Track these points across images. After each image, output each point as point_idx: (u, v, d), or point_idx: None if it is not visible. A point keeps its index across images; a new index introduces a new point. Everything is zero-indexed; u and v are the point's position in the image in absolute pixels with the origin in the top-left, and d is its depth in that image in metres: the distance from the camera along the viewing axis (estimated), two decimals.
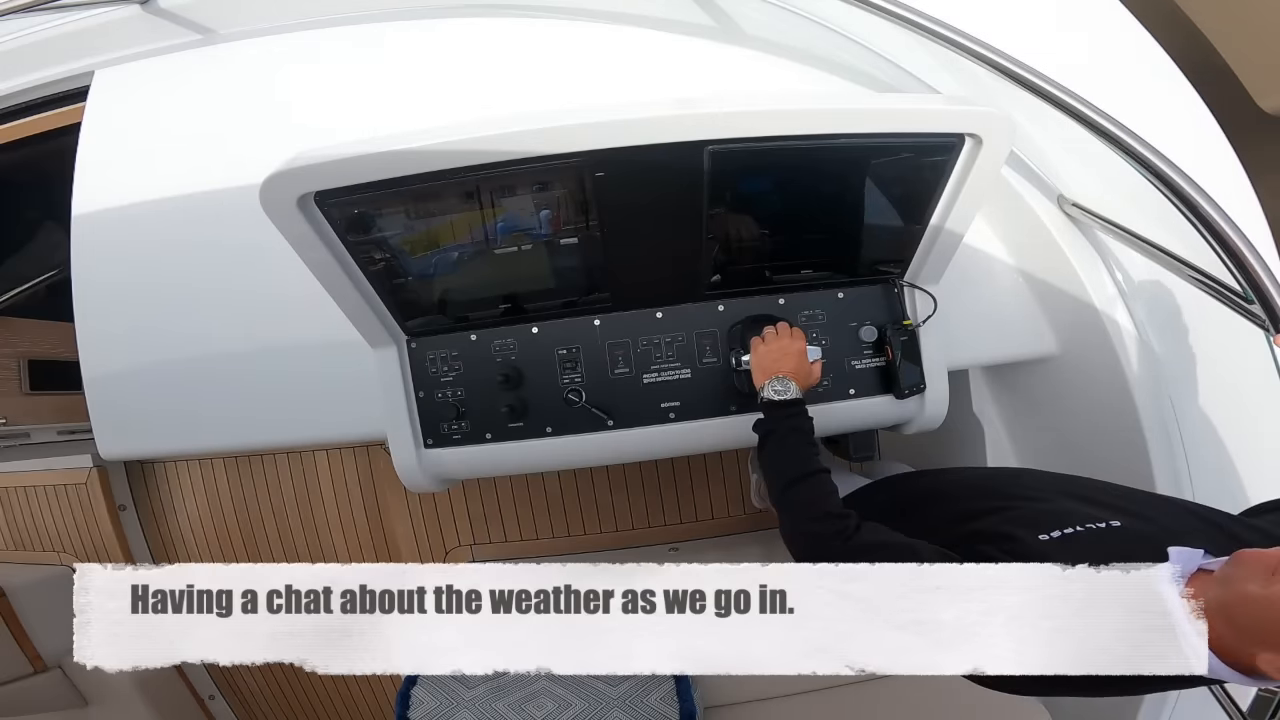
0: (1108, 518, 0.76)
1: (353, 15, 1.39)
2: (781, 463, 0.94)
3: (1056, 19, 1.27)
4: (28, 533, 2.63)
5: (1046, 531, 0.74)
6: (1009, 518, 0.80)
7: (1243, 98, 1.83)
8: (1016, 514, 0.81)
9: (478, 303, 1.15)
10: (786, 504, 0.90)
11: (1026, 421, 1.52)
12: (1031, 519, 0.78)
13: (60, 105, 1.48)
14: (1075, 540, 0.73)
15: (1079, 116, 0.98)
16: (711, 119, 0.90)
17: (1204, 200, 0.92)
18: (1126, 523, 0.76)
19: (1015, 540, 0.74)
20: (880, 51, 1.28)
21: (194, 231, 1.33)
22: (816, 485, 0.89)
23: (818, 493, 0.88)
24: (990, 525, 0.79)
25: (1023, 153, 1.21)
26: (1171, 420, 1.17)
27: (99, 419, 1.33)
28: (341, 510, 2.58)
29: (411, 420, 1.19)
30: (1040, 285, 1.28)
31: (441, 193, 0.95)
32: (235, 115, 1.36)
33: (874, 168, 1.02)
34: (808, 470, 0.91)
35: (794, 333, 1.07)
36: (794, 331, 1.07)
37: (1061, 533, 0.74)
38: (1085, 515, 0.77)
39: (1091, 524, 0.75)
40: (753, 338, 1.08)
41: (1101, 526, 0.75)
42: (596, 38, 1.34)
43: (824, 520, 0.84)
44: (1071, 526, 0.75)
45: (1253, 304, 0.91)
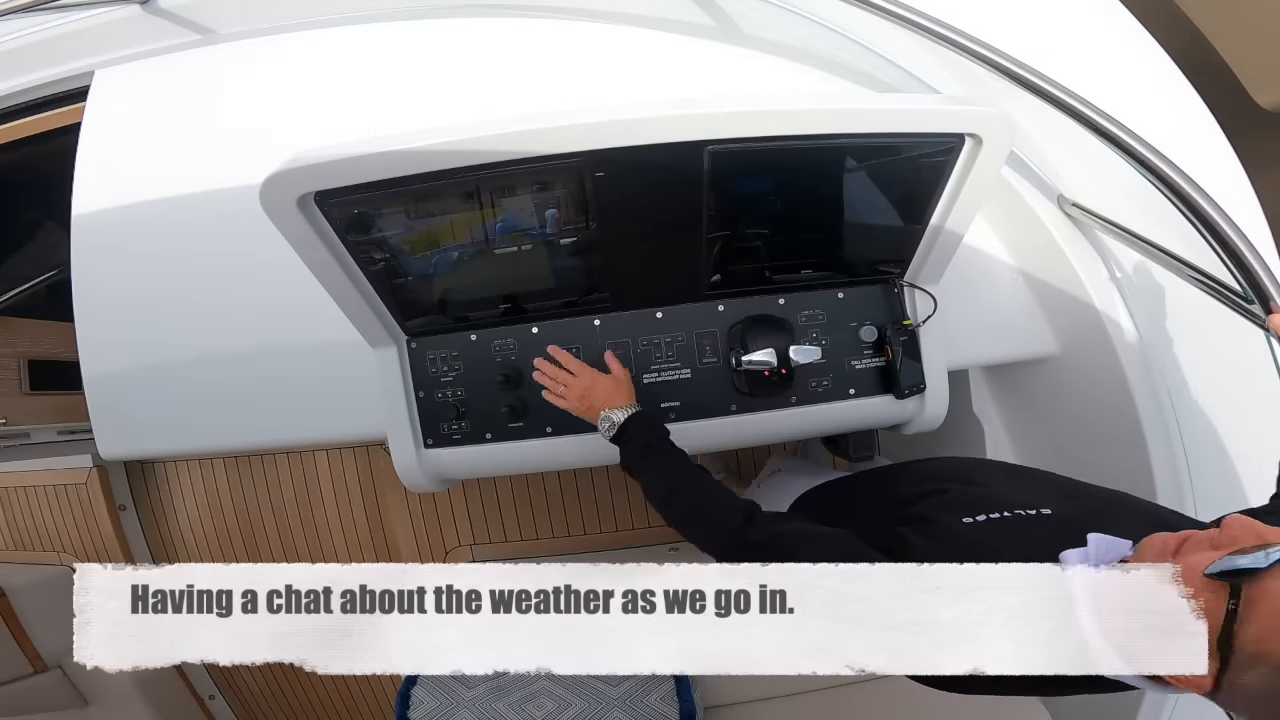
0: (1040, 505, 0.74)
1: (353, 15, 1.39)
2: (648, 486, 0.95)
3: (1056, 19, 1.27)
4: (28, 533, 2.63)
5: (972, 515, 0.73)
6: (939, 502, 0.79)
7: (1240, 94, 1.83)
8: (947, 498, 0.80)
9: (478, 303, 1.15)
10: (672, 521, 0.91)
11: (1026, 421, 1.52)
12: (960, 503, 0.77)
13: (60, 105, 1.48)
14: (1000, 525, 0.72)
15: (1079, 116, 0.98)
16: (711, 119, 0.90)
17: (1204, 200, 0.92)
18: (1059, 510, 0.73)
19: (936, 524, 0.73)
20: (880, 51, 1.28)
21: (194, 232, 1.33)
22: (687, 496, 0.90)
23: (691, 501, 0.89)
24: (918, 510, 0.78)
25: (1023, 153, 1.21)
26: (1171, 420, 1.17)
27: (99, 419, 1.32)
28: (341, 510, 2.58)
29: (411, 420, 1.19)
30: (1040, 285, 1.28)
31: (441, 193, 0.95)
32: (235, 115, 1.36)
33: (874, 168, 1.02)
34: (673, 483, 0.92)
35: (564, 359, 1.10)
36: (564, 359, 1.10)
37: (987, 517, 0.72)
38: (1018, 502, 0.75)
39: (1021, 510, 0.73)
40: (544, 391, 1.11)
41: (1031, 514, 0.73)
42: (596, 38, 1.34)
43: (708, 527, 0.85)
44: (999, 512, 0.73)
45: (1253, 304, 0.91)
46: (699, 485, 0.90)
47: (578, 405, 1.07)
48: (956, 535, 0.71)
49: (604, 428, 1.02)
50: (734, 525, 0.82)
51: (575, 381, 1.07)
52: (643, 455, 0.97)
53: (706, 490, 0.89)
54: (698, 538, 0.86)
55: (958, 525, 0.73)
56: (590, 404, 1.05)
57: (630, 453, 0.99)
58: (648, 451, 0.97)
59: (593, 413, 1.04)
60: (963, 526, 0.72)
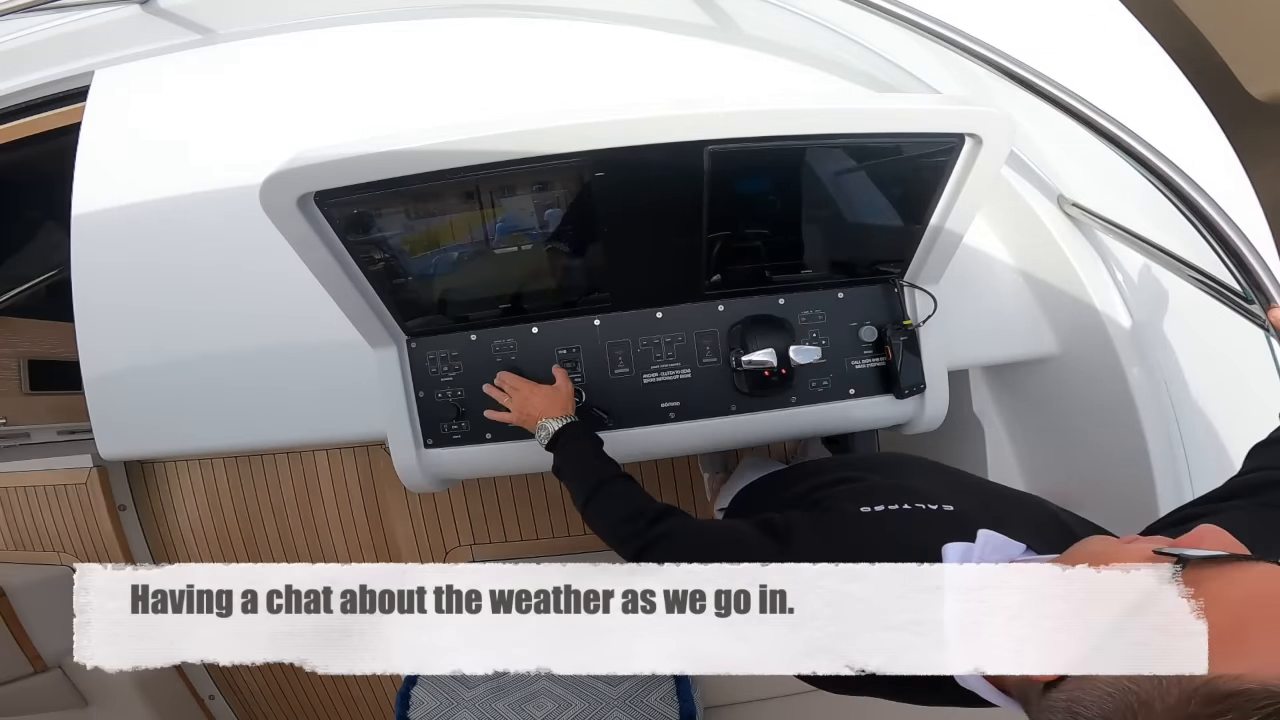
0: (945, 502, 0.73)
1: (353, 15, 1.39)
2: (572, 491, 0.98)
3: (1056, 18, 1.26)
4: (28, 533, 2.63)
5: (870, 505, 0.73)
6: (847, 490, 0.79)
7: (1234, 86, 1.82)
8: (856, 487, 0.80)
9: (478, 303, 1.15)
10: (590, 524, 0.93)
11: (1026, 421, 1.52)
12: (864, 492, 0.77)
13: (60, 105, 1.48)
14: (892, 517, 0.72)
15: (1079, 116, 0.97)
16: (711, 119, 0.90)
17: (1204, 200, 0.92)
18: (960, 508, 0.72)
19: (830, 510, 0.74)
20: (880, 51, 1.28)
21: (194, 232, 1.33)
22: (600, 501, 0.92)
23: (604, 505, 0.91)
24: (821, 495, 0.78)
25: (1023, 153, 1.21)
26: (1171, 420, 1.17)
27: (99, 419, 1.32)
28: (341, 510, 2.58)
29: (411, 420, 1.19)
30: (1040, 285, 1.28)
31: (441, 193, 0.95)
32: (235, 115, 1.36)
33: (874, 168, 1.02)
34: (589, 487, 0.94)
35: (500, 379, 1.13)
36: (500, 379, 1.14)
37: (886, 508, 0.72)
38: (924, 496, 0.74)
39: (922, 504, 0.73)
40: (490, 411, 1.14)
41: (932, 509, 0.72)
42: (596, 38, 1.34)
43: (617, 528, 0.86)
44: (899, 504, 0.73)
45: (1253, 304, 0.91)
46: (614, 491, 0.92)
47: (517, 417, 1.10)
48: (844, 520, 0.72)
49: (540, 436, 1.05)
50: (638, 529, 0.83)
51: (515, 395, 1.11)
52: (566, 462, 1.01)
53: (621, 496, 0.91)
54: (610, 540, 0.88)
55: (851, 511, 0.73)
56: (528, 413, 1.07)
57: (560, 459, 1.02)
58: (575, 458, 1.00)
59: (530, 421, 1.07)
60: (855, 513, 0.72)
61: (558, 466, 1.02)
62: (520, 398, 1.10)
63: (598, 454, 1.01)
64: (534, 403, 1.08)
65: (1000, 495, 0.82)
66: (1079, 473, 1.35)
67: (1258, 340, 1.03)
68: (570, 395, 1.11)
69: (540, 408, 1.06)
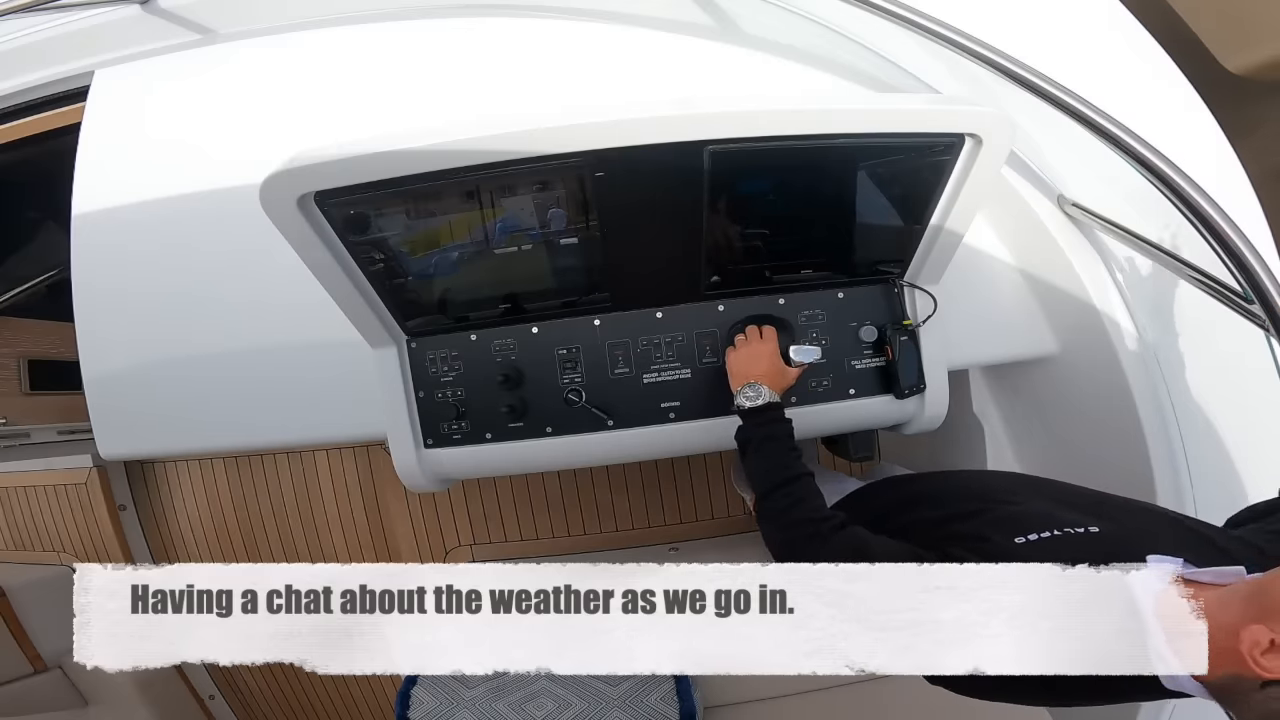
0: (1088, 523, 0.75)
1: (352, 15, 1.39)
2: (758, 472, 0.94)
3: (1055, 18, 1.26)
4: (28, 533, 2.63)
5: (1024, 534, 0.73)
6: (988, 520, 0.79)
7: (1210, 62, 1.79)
8: (994, 516, 0.80)
9: (478, 303, 1.15)
10: (763, 513, 0.89)
11: (1026, 421, 1.52)
12: (1009, 521, 0.77)
13: (60, 105, 1.48)
14: (1054, 544, 0.72)
15: (1079, 116, 0.97)
16: (711, 119, 0.90)
17: (1204, 200, 0.92)
18: (1105, 529, 0.74)
19: (989, 541, 0.73)
20: (880, 51, 1.28)
21: (194, 231, 1.33)
22: (791, 492, 0.88)
23: (794, 499, 0.87)
24: (969, 528, 0.78)
25: (1023, 153, 1.21)
26: (1171, 420, 1.17)
27: (99, 419, 1.32)
28: (341, 510, 2.58)
29: (411, 420, 1.19)
30: (1040, 285, 1.28)
31: (441, 193, 0.95)
32: (235, 115, 1.36)
33: (874, 168, 1.02)
34: (784, 478, 0.90)
35: (765, 334, 1.07)
36: (765, 333, 1.08)
37: (1039, 536, 0.73)
38: (1065, 520, 0.75)
39: (1070, 529, 0.74)
40: (727, 346, 1.08)
41: (1081, 532, 0.73)
42: (596, 38, 1.33)
43: (797, 526, 0.83)
44: (1050, 530, 0.73)
45: (1253, 304, 0.91)
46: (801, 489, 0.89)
47: (743, 358, 1.05)
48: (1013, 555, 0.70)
49: (745, 395, 1.00)
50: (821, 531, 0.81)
51: (756, 344, 1.05)
52: (766, 441, 0.96)
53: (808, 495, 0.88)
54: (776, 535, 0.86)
55: (1008, 544, 0.73)
56: (748, 367, 1.03)
57: (756, 435, 0.97)
58: (772, 441, 0.96)
59: (745, 376, 1.02)
60: (1015, 546, 0.72)
61: (749, 437, 0.98)
62: (760, 349, 1.04)
63: (795, 446, 0.97)
64: (765, 364, 1.02)
65: (1123, 508, 0.83)
66: (1078, 472, 1.35)
67: (1258, 340, 1.04)
68: (790, 383, 1.07)
69: (766, 370, 1.02)
